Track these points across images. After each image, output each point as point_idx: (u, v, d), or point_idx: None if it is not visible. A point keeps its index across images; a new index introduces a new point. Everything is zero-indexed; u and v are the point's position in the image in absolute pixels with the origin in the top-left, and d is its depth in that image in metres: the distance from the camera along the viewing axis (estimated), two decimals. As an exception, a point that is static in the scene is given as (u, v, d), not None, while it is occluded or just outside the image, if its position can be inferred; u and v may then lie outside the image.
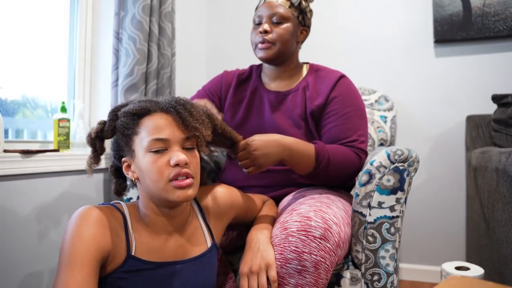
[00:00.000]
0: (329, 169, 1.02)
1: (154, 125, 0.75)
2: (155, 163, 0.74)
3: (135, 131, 0.76)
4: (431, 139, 1.89)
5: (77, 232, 0.69)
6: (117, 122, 0.79)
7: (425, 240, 1.89)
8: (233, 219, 0.96)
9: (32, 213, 1.20)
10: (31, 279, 1.19)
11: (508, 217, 1.14)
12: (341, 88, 1.15)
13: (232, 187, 0.99)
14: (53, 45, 1.50)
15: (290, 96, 1.20)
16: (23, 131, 1.42)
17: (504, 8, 1.74)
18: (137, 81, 1.49)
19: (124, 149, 0.80)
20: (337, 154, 1.03)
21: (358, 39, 2.00)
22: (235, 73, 1.31)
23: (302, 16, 1.19)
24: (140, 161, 0.76)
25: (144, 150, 0.75)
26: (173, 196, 0.74)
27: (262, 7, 1.18)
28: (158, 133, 0.75)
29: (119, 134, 0.79)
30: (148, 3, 1.51)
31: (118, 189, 0.91)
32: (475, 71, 1.82)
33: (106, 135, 0.81)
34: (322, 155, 1.00)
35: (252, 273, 0.82)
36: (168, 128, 0.76)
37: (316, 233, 0.81)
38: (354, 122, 1.11)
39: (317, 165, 1.00)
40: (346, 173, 1.07)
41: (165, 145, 0.75)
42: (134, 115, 0.77)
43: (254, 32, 1.19)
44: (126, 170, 0.80)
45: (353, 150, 1.07)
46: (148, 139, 0.74)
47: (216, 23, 2.30)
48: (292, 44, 1.18)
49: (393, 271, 0.96)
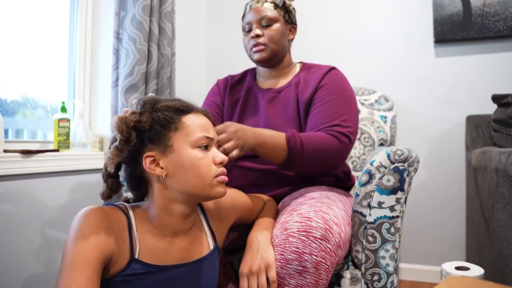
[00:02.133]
0: (304, 155, 1.00)
1: (202, 123, 0.78)
2: (203, 159, 0.76)
3: (177, 126, 0.76)
4: (431, 139, 1.89)
5: (80, 233, 0.68)
6: (156, 114, 0.76)
7: (425, 240, 1.89)
8: (236, 221, 0.95)
9: (32, 213, 1.20)
10: (31, 279, 1.19)
11: (508, 217, 1.14)
12: (329, 78, 1.17)
13: (234, 189, 0.99)
14: (53, 45, 1.50)
15: (283, 93, 1.22)
16: (23, 131, 1.42)
17: (504, 8, 1.74)
18: (137, 81, 1.49)
19: (152, 144, 0.75)
20: (311, 139, 1.02)
21: (358, 39, 2.00)
22: (227, 78, 1.36)
23: (288, 15, 1.24)
24: (184, 157, 0.75)
25: (191, 145, 0.75)
26: (216, 191, 0.77)
27: (249, 14, 1.22)
28: (206, 131, 0.78)
29: (158, 126, 0.75)
30: (148, 3, 1.51)
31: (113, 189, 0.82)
32: (475, 71, 1.82)
33: (144, 125, 0.75)
34: (294, 141, 0.99)
35: (252, 274, 0.82)
36: (211, 128, 0.80)
37: (316, 233, 0.81)
38: (337, 108, 1.10)
39: (290, 151, 0.99)
40: (325, 157, 1.04)
41: (209, 143, 0.78)
42: (178, 110, 0.77)
43: (246, 38, 1.24)
44: (150, 165, 0.75)
45: (331, 133, 1.04)
46: (199, 135, 0.76)
47: (216, 23, 2.30)
48: (284, 43, 1.23)
49: (393, 271, 0.96)
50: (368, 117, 1.74)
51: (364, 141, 1.70)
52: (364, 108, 1.76)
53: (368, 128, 1.72)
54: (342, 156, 1.08)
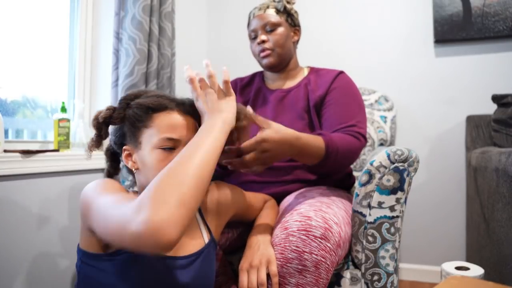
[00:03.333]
0: (338, 158, 1.02)
1: (169, 123, 0.76)
2: (162, 161, 0.74)
3: (146, 124, 0.77)
4: (431, 139, 1.89)
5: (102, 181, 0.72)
6: (129, 111, 0.78)
7: (425, 240, 1.89)
8: (233, 216, 0.96)
9: (32, 213, 1.20)
10: (31, 279, 1.19)
11: (508, 217, 1.14)
12: (340, 81, 1.21)
13: (231, 185, 0.98)
14: (53, 45, 1.50)
15: (293, 92, 1.25)
16: (23, 131, 1.42)
17: (504, 8, 1.74)
18: (137, 81, 1.49)
19: (128, 138, 0.79)
20: (343, 143, 1.03)
21: (358, 39, 2.00)
22: (235, 81, 1.38)
23: (290, 18, 1.27)
24: (146, 155, 0.76)
25: (153, 146, 0.75)
26: None
27: (253, 21, 1.26)
28: (171, 132, 0.76)
29: (128, 123, 0.78)
30: (148, 3, 1.51)
31: (110, 172, 0.90)
32: (475, 71, 1.82)
33: (114, 121, 0.79)
34: (332, 146, 1.00)
35: (252, 268, 0.81)
36: (181, 128, 0.77)
37: (316, 232, 0.81)
38: (352, 110, 1.15)
39: (326, 156, 0.99)
40: (351, 158, 1.08)
41: (174, 144, 0.76)
42: (148, 109, 0.77)
43: (253, 45, 1.28)
44: (126, 158, 0.79)
45: (353, 135, 1.08)
46: (160, 137, 0.75)
47: (216, 23, 2.30)
48: (290, 46, 1.26)
49: (393, 271, 0.96)
50: (368, 117, 1.74)
51: (364, 141, 1.70)
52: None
53: (368, 128, 1.72)
54: (358, 155, 1.11)
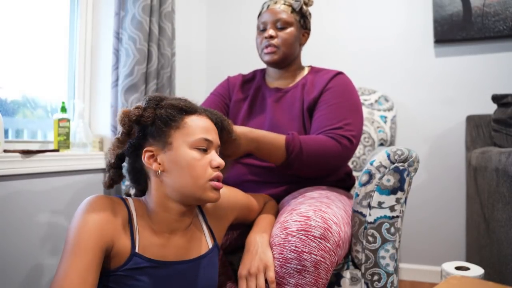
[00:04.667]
0: (303, 158, 1.01)
1: (203, 126, 0.79)
2: (200, 160, 0.76)
3: (179, 125, 0.78)
4: (431, 139, 1.89)
5: (83, 219, 0.70)
6: (159, 111, 0.78)
7: (425, 240, 1.88)
8: (234, 219, 0.96)
9: (32, 213, 1.20)
10: (30, 279, 1.19)
11: (508, 217, 1.14)
12: (335, 82, 1.18)
13: (233, 188, 0.99)
14: (53, 45, 1.50)
15: (290, 93, 1.23)
16: (23, 131, 1.42)
17: (504, 8, 1.74)
18: (137, 81, 1.49)
19: (154, 139, 0.78)
20: (311, 142, 1.02)
21: (358, 39, 2.00)
22: (239, 76, 1.37)
23: (303, 20, 1.24)
24: (180, 155, 0.76)
25: (189, 146, 0.77)
26: (208, 195, 0.77)
27: (265, 14, 1.22)
28: (207, 133, 0.79)
29: (160, 123, 0.77)
30: (148, 3, 1.51)
31: (114, 179, 0.85)
32: (475, 71, 1.82)
33: (146, 120, 0.78)
34: (293, 144, 1.00)
35: (251, 275, 0.82)
36: (213, 132, 0.81)
37: (316, 232, 0.81)
38: (341, 111, 1.10)
39: (288, 154, 1.00)
40: (325, 160, 1.04)
41: (208, 146, 0.79)
42: (181, 110, 0.79)
43: (259, 37, 1.24)
44: (149, 159, 0.77)
45: (332, 137, 1.04)
46: (198, 137, 0.77)
47: (216, 23, 2.30)
48: (296, 47, 1.24)
49: (393, 271, 0.96)
50: (368, 117, 1.74)
51: (364, 141, 1.70)
52: (364, 108, 1.76)
53: (368, 128, 1.72)
54: (343, 159, 1.07)
